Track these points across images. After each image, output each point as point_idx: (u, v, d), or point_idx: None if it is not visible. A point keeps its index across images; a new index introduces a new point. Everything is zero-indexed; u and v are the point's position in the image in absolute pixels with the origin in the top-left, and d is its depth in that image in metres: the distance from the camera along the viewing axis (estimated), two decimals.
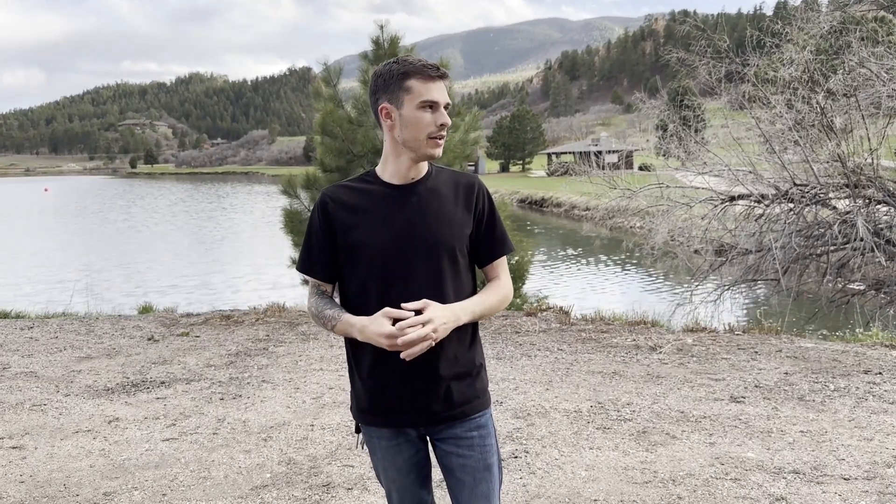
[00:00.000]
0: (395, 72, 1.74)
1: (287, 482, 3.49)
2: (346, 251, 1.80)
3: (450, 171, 1.90)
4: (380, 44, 8.38)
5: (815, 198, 8.72)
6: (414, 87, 1.72)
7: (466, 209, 1.83)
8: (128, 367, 5.74)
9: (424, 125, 1.73)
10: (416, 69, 1.73)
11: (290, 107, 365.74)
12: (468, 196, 1.84)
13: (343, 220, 1.79)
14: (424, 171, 1.85)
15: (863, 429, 3.92)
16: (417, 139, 1.74)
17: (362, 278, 1.78)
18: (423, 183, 1.83)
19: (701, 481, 3.33)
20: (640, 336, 6.21)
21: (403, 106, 1.74)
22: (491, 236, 1.87)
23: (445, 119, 1.75)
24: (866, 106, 8.65)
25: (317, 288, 1.87)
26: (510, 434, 3.99)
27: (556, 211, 34.82)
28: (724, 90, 10.05)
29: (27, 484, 3.56)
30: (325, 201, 1.82)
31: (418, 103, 1.73)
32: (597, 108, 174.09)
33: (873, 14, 14.10)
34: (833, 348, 5.67)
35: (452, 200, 1.82)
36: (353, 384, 1.89)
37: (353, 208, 1.80)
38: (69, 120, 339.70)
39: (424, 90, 1.72)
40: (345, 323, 1.76)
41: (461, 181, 1.86)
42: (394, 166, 1.81)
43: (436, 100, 1.73)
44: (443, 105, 1.75)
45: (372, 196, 1.81)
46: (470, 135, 8.76)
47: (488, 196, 1.88)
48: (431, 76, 1.73)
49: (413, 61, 1.74)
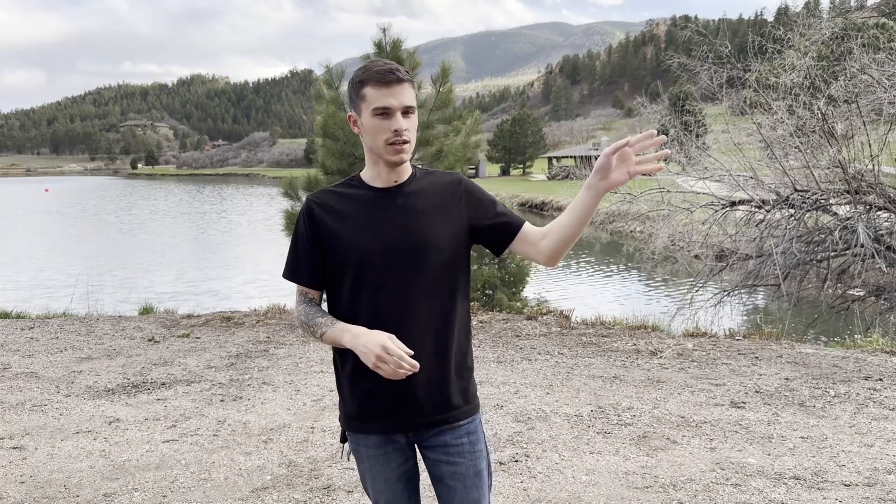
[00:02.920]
0: (354, 80, 1.73)
1: (287, 484, 3.49)
2: (333, 257, 1.77)
3: (433, 171, 1.88)
4: (382, 47, 8.39)
5: (816, 204, 8.73)
6: (368, 94, 1.70)
7: (454, 207, 1.80)
8: (128, 368, 5.74)
9: (380, 132, 1.71)
10: (371, 76, 1.70)
11: (291, 109, 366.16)
12: (452, 194, 1.82)
13: (329, 225, 1.77)
14: (408, 174, 1.82)
15: (863, 435, 3.91)
16: (378, 146, 1.73)
17: (350, 284, 1.76)
18: (408, 185, 1.81)
19: (701, 486, 3.33)
20: (641, 340, 6.21)
21: (362, 114, 1.73)
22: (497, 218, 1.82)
23: (399, 125, 1.69)
24: (867, 112, 8.67)
25: (304, 295, 1.83)
26: (510, 438, 3.99)
27: (557, 215, 34.64)
28: (725, 95, 10.08)
29: (27, 484, 3.56)
30: (310, 207, 1.80)
31: (371, 111, 1.70)
32: (598, 112, 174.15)
33: (874, 21, 14.13)
34: (834, 354, 5.67)
35: (438, 201, 1.80)
36: (340, 391, 1.86)
37: (338, 213, 1.78)
38: (70, 120, 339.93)
39: (376, 97, 1.69)
40: (339, 329, 1.72)
41: (444, 180, 1.84)
42: (374, 171, 1.80)
43: (388, 106, 1.68)
44: (399, 109, 1.69)
45: (357, 200, 1.79)
46: (471, 138, 8.77)
47: (474, 186, 1.85)
48: (386, 81, 1.68)
49: (372, 67, 1.71)
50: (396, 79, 1.68)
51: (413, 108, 1.73)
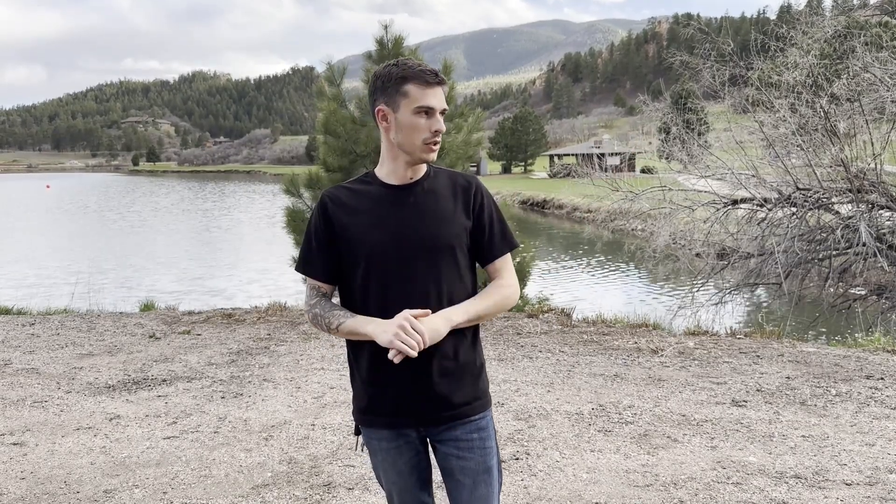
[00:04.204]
0: (393, 75, 1.74)
1: (288, 481, 3.49)
2: (346, 252, 1.80)
3: (448, 171, 1.90)
4: (384, 44, 8.38)
5: (818, 202, 8.72)
6: (411, 92, 1.73)
7: (464, 208, 1.82)
8: (129, 364, 5.74)
9: (420, 131, 1.74)
10: (415, 74, 1.73)
11: (292, 106, 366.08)
12: (465, 195, 1.84)
13: (341, 220, 1.80)
14: (422, 171, 1.85)
15: (865, 434, 3.91)
16: (412, 144, 1.75)
17: (361, 279, 1.79)
18: (421, 183, 1.83)
19: (702, 485, 3.33)
20: (642, 339, 6.21)
21: (400, 110, 1.75)
22: (490, 234, 1.85)
23: (440, 126, 1.75)
24: (870, 111, 8.65)
25: (316, 290, 1.85)
26: (511, 436, 3.99)
27: (558, 213, 34.78)
28: (727, 94, 10.06)
29: (28, 480, 3.56)
30: (324, 202, 1.84)
31: (414, 108, 1.73)
32: (599, 110, 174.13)
33: (877, 19, 14.12)
34: (835, 353, 5.66)
35: (450, 200, 1.82)
36: (353, 385, 1.90)
37: (351, 209, 1.81)
38: (72, 117, 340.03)
39: (421, 96, 1.73)
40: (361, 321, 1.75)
41: (459, 181, 1.86)
42: (391, 167, 1.82)
43: (432, 106, 1.73)
44: (439, 111, 1.75)
45: (369, 197, 1.82)
46: (472, 136, 8.76)
47: (487, 194, 1.87)
48: (429, 82, 1.73)
49: (412, 65, 1.74)
50: (438, 81, 1.75)
51: (445, 111, 1.79)
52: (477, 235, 1.84)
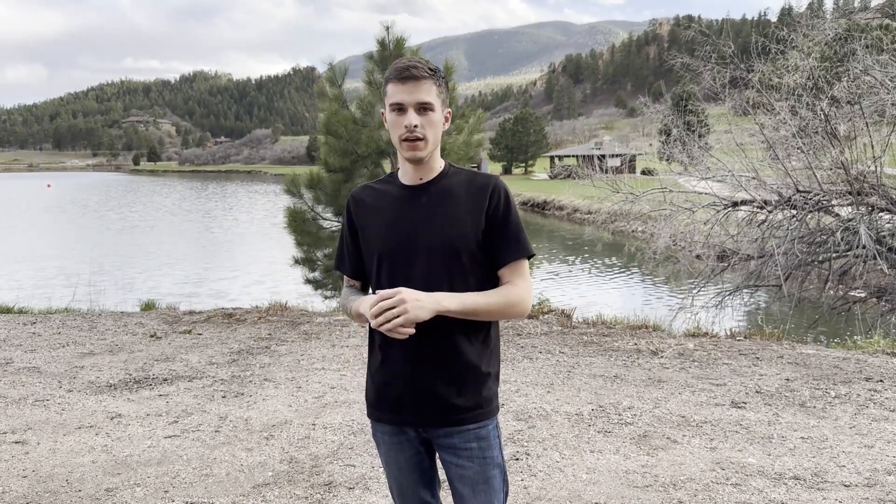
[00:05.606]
0: (384, 78, 1.79)
1: (289, 481, 3.50)
2: (365, 250, 1.87)
3: (468, 171, 1.86)
4: (385, 45, 8.41)
5: (818, 205, 8.73)
6: (388, 90, 1.74)
7: (477, 210, 1.77)
8: (130, 363, 5.75)
9: (396, 128, 1.74)
10: (392, 72, 1.73)
11: (293, 106, 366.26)
12: (481, 196, 1.78)
13: (361, 219, 1.86)
14: (437, 171, 1.83)
15: (864, 436, 3.92)
16: (395, 142, 1.77)
17: (375, 277, 1.83)
18: (435, 184, 1.81)
19: (701, 486, 3.34)
20: (642, 340, 6.22)
21: (385, 110, 1.78)
22: (502, 237, 1.78)
23: (410, 120, 1.69)
24: (870, 114, 8.67)
25: (349, 286, 1.96)
26: (511, 436, 4.00)
27: (559, 214, 34.80)
28: (728, 96, 10.07)
29: (30, 479, 3.58)
30: (349, 202, 1.91)
31: (389, 107, 1.74)
32: (600, 111, 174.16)
33: (878, 22, 14.10)
34: (834, 355, 5.67)
35: (463, 201, 1.78)
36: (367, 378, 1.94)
37: (370, 208, 1.85)
38: (73, 116, 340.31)
39: (394, 93, 1.72)
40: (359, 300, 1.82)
41: (476, 181, 1.81)
42: (403, 168, 1.84)
43: (400, 101, 1.70)
44: (413, 105, 1.70)
45: (386, 197, 1.84)
46: (473, 137, 8.79)
47: (505, 197, 1.79)
48: (402, 77, 1.71)
49: (395, 65, 1.74)
50: (412, 75, 1.69)
51: (431, 105, 1.72)
52: (490, 238, 1.77)
